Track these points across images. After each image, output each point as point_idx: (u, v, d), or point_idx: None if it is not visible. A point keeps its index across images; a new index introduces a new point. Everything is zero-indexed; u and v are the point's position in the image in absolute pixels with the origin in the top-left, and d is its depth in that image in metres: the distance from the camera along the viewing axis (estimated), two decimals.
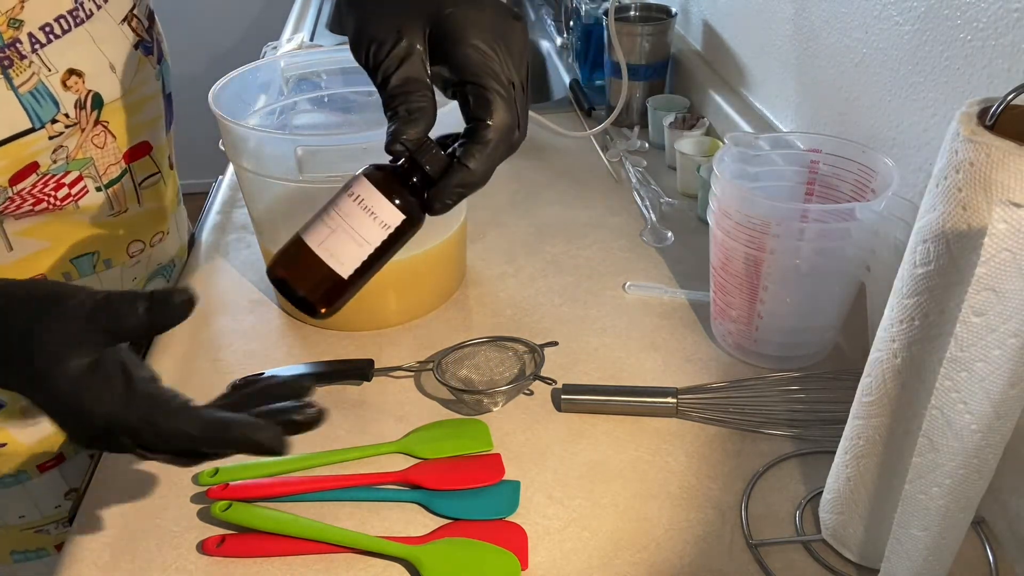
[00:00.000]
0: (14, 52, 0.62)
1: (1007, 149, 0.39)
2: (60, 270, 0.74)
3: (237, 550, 0.60)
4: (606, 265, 0.91)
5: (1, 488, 0.80)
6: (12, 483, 0.79)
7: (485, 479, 0.64)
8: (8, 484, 0.79)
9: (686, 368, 0.76)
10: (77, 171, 0.69)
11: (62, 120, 0.66)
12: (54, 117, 0.65)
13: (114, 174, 0.73)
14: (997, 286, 0.39)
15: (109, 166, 0.72)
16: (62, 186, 0.68)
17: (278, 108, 0.89)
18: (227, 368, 0.77)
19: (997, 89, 0.59)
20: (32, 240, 0.71)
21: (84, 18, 0.67)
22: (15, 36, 0.63)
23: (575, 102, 1.31)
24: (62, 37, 0.66)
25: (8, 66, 0.62)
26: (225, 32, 2.79)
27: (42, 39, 0.64)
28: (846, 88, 0.83)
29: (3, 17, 0.62)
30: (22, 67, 0.63)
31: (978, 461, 0.45)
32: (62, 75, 0.66)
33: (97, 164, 0.71)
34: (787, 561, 0.58)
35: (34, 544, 0.86)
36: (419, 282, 0.83)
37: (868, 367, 0.51)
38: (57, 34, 0.65)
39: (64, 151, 0.67)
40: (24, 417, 0.77)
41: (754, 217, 0.67)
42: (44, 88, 0.65)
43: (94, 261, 0.76)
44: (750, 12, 1.06)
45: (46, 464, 0.80)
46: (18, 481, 0.79)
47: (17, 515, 0.83)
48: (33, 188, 0.66)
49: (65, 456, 0.81)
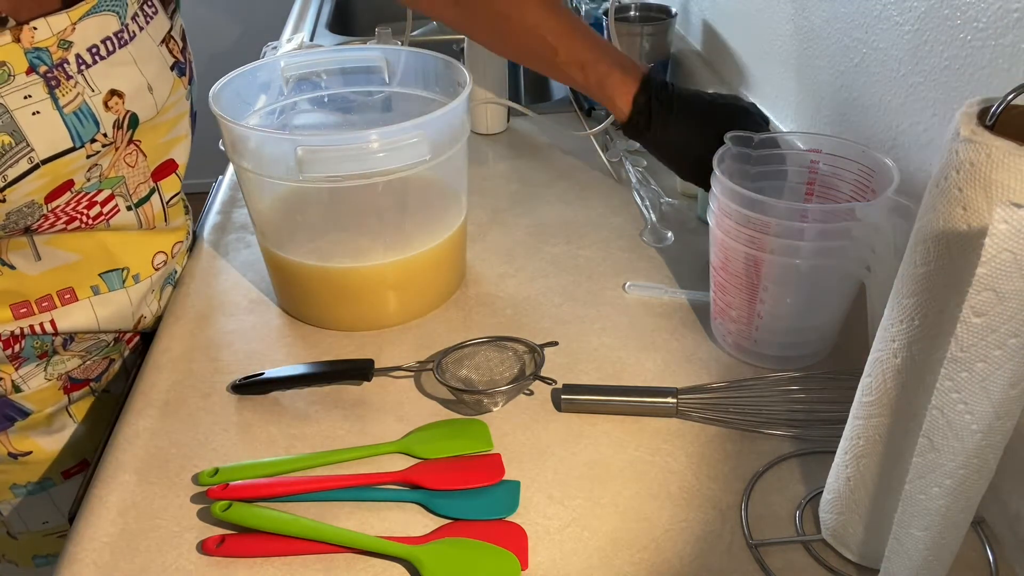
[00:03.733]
0: (61, 72, 0.63)
1: (1007, 149, 0.39)
2: (88, 283, 0.76)
3: (237, 550, 0.60)
4: (606, 265, 0.91)
5: (27, 495, 0.81)
6: (37, 490, 0.81)
7: (485, 479, 0.64)
8: (33, 492, 0.81)
9: (686, 368, 0.76)
10: (109, 189, 0.70)
11: (100, 140, 0.67)
12: (94, 136, 0.66)
13: (143, 192, 0.75)
14: (998, 286, 0.39)
15: (139, 184, 0.74)
16: (94, 204, 0.69)
17: (278, 108, 0.89)
18: (227, 368, 0.77)
19: (997, 89, 0.59)
20: (61, 252, 0.72)
21: (128, 40, 0.69)
22: (64, 57, 0.64)
23: (575, 102, 1.31)
24: (107, 58, 0.67)
25: (55, 86, 0.63)
26: (225, 32, 2.79)
27: (88, 60, 0.65)
28: (846, 88, 0.83)
29: (54, 38, 0.63)
30: (68, 87, 0.64)
31: (978, 461, 0.45)
32: (104, 96, 0.67)
33: (128, 183, 0.73)
34: (787, 561, 0.58)
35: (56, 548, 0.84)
36: (419, 282, 0.83)
37: (868, 367, 0.51)
38: (103, 55, 0.66)
39: (98, 169, 0.68)
40: (49, 425, 0.79)
41: (754, 217, 0.67)
42: (87, 108, 0.66)
43: (123, 276, 0.78)
44: (750, 12, 1.06)
45: (70, 470, 0.82)
46: (43, 488, 0.81)
47: (41, 521, 0.84)
48: (67, 206, 0.68)
49: (89, 462, 0.81)
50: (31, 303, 0.73)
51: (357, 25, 2.02)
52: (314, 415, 0.72)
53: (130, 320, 0.81)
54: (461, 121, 0.78)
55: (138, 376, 0.77)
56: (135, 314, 0.81)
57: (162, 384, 0.76)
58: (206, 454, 0.68)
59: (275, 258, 0.82)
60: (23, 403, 0.77)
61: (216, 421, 0.72)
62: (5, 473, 0.80)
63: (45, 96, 0.63)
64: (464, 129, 0.79)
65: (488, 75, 1.19)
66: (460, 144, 0.79)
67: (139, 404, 0.73)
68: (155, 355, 0.79)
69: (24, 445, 0.79)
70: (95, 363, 0.82)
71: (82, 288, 0.75)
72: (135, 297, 0.80)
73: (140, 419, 0.72)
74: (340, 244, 0.81)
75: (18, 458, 0.79)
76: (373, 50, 0.91)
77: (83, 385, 0.82)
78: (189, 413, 0.72)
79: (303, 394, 0.74)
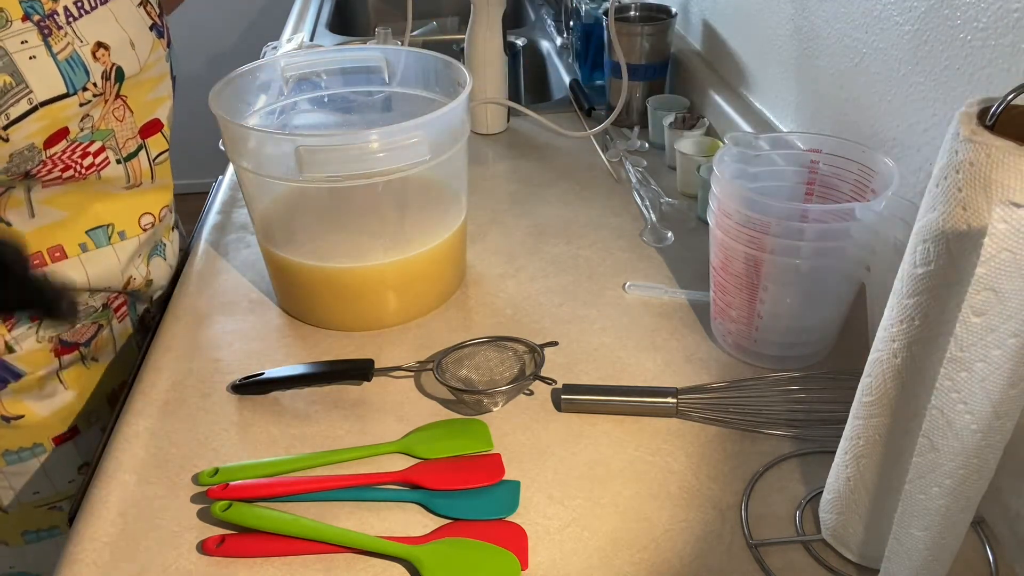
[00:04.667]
0: (52, 22, 0.69)
1: (1007, 149, 0.39)
2: (77, 240, 0.79)
3: (237, 550, 0.60)
4: (606, 265, 0.91)
5: (18, 462, 0.83)
6: (28, 456, 0.83)
7: (485, 479, 0.64)
8: (25, 458, 0.83)
9: (686, 368, 0.76)
10: (100, 141, 0.75)
11: (91, 89, 0.72)
12: (85, 85, 0.71)
13: (132, 148, 0.80)
14: (997, 286, 0.39)
15: (127, 140, 0.79)
16: (87, 155, 0.74)
17: (278, 108, 0.89)
18: (227, 368, 0.77)
19: (997, 89, 0.59)
20: (53, 209, 0.76)
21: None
22: (53, 8, 0.70)
23: (575, 102, 1.31)
24: (90, 13, 0.73)
25: (48, 34, 0.69)
26: (225, 32, 2.79)
27: (75, 12, 0.71)
28: (846, 88, 0.83)
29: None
30: (59, 36, 0.70)
31: (978, 461, 0.45)
32: (92, 47, 0.73)
33: (117, 136, 0.78)
34: (787, 561, 0.58)
35: (47, 522, 0.89)
36: (419, 282, 0.83)
37: (868, 367, 0.51)
38: (87, 9, 0.73)
39: (90, 120, 0.73)
40: (41, 389, 0.82)
41: (754, 217, 0.67)
42: (77, 57, 0.71)
43: (109, 233, 0.81)
44: (750, 12, 1.06)
45: (61, 437, 0.85)
46: (34, 454, 0.83)
47: (32, 491, 0.86)
48: (63, 154, 0.72)
49: (80, 430, 0.85)
50: None
51: (357, 25, 2.02)
52: (314, 415, 0.72)
53: (119, 278, 0.84)
54: (461, 121, 0.78)
55: (138, 376, 0.77)
56: (124, 272, 0.84)
57: (162, 384, 0.76)
58: (206, 454, 0.68)
59: (275, 258, 0.82)
60: (16, 364, 0.80)
61: (216, 421, 0.72)
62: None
63: (40, 43, 0.68)
64: (464, 129, 0.79)
65: (488, 75, 1.19)
66: (460, 144, 0.79)
67: (139, 404, 0.74)
68: (155, 355, 0.79)
69: (16, 409, 0.81)
70: (84, 327, 0.84)
71: (71, 245, 0.78)
72: (123, 255, 0.83)
73: (140, 419, 0.72)
74: (340, 244, 0.81)
75: (10, 421, 0.81)
76: (373, 50, 0.91)
77: (73, 349, 0.84)
78: (189, 413, 0.73)
79: (303, 394, 0.74)
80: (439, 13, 1.89)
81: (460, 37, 1.42)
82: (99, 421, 0.88)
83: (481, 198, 1.04)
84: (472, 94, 0.80)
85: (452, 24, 1.82)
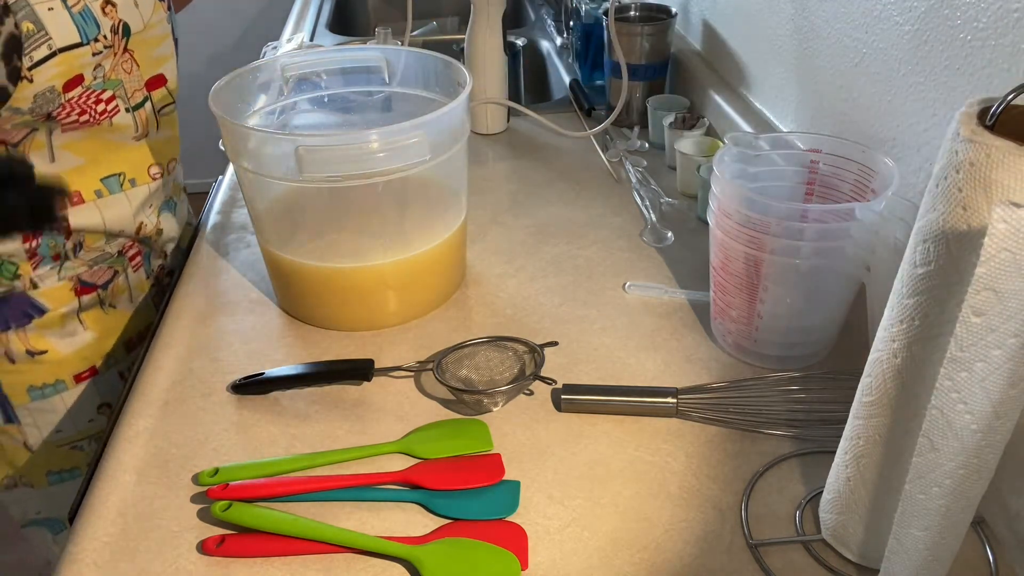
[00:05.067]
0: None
1: (1007, 149, 0.39)
2: (92, 187, 0.88)
3: (237, 550, 0.60)
4: (606, 265, 0.91)
5: (41, 398, 0.91)
6: (51, 392, 0.91)
7: (485, 479, 0.64)
8: (48, 394, 0.91)
9: (686, 368, 0.76)
10: (111, 90, 0.84)
11: (102, 41, 0.80)
12: (96, 36, 0.79)
13: (138, 99, 0.88)
14: (997, 286, 0.39)
15: (135, 91, 0.87)
16: (100, 101, 0.82)
17: (278, 108, 0.89)
18: (227, 368, 0.77)
19: (997, 89, 0.59)
20: (71, 155, 0.84)
21: None
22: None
23: (575, 102, 1.31)
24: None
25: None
26: (225, 32, 2.79)
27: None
28: (846, 88, 0.83)
29: None
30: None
31: (978, 461, 0.45)
32: (100, 3, 0.80)
33: (126, 87, 0.86)
34: (787, 561, 0.58)
35: (69, 463, 0.97)
36: (419, 282, 0.83)
37: (868, 367, 0.51)
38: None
39: (102, 70, 0.81)
40: (62, 327, 0.90)
41: (754, 217, 0.67)
42: (88, 11, 0.78)
43: (121, 181, 0.90)
44: (750, 12, 1.06)
45: (81, 375, 0.93)
46: (56, 391, 0.91)
47: (55, 430, 0.94)
48: (79, 99, 0.80)
49: (98, 370, 0.94)
50: None
51: (357, 25, 2.02)
52: (314, 415, 0.72)
53: (131, 224, 0.93)
54: (461, 121, 0.78)
55: (138, 376, 0.78)
56: (135, 218, 0.93)
57: (162, 384, 0.76)
58: (206, 454, 0.68)
59: (275, 258, 0.82)
60: (39, 300, 0.88)
61: (216, 421, 0.72)
62: (23, 373, 0.90)
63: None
64: (464, 129, 0.79)
65: (488, 75, 1.19)
66: (460, 144, 0.79)
67: (139, 404, 0.74)
68: (155, 355, 0.80)
69: (40, 344, 0.89)
70: (101, 270, 0.92)
71: (87, 192, 0.87)
72: (134, 202, 0.92)
73: (140, 419, 0.72)
74: (340, 244, 0.81)
75: (35, 356, 0.89)
76: (373, 50, 0.91)
77: (92, 290, 0.92)
78: (189, 413, 0.73)
79: (303, 394, 0.74)
80: (439, 13, 1.90)
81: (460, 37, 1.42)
82: (116, 364, 0.96)
83: (481, 198, 1.04)
84: (472, 94, 0.80)
85: (452, 24, 1.82)
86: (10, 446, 0.95)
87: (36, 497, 0.99)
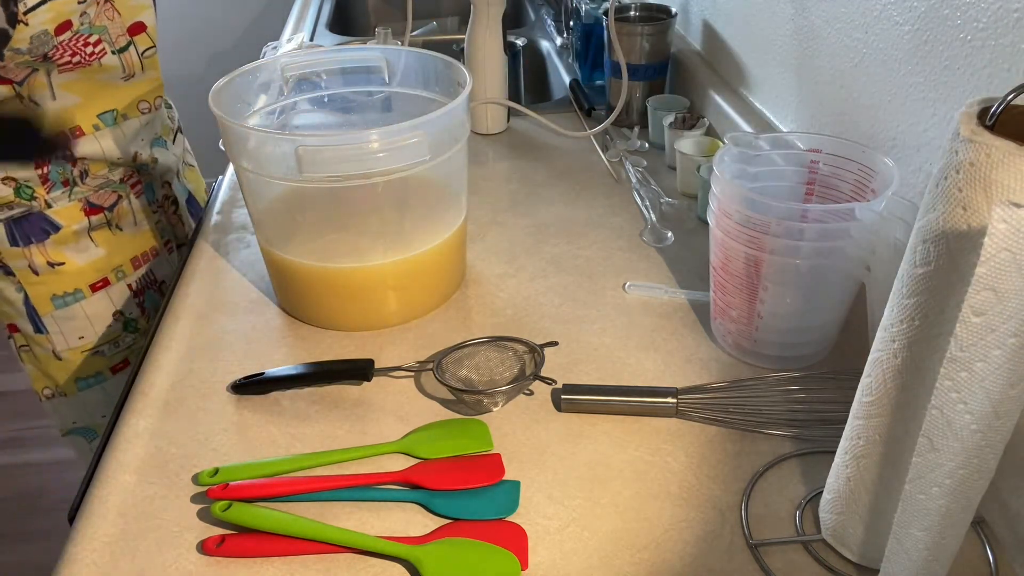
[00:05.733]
0: None
1: (1007, 149, 0.39)
2: (91, 122, 1.00)
3: (237, 550, 0.60)
4: (606, 265, 0.91)
5: (64, 307, 1.04)
6: (72, 301, 1.04)
7: (485, 479, 0.64)
8: (69, 302, 1.04)
9: (686, 368, 0.76)
10: (98, 35, 0.94)
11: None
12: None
13: (122, 43, 0.99)
14: (997, 286, 0.39)
15: (118, 36, 0.98)
16: (88, 44, 0.93)
17: (278, 108, 0.89)
18: (227, 368, 0.77)
19: (997, 89, 0.59)
20: (69, 94, 0.97)
21: None
22: None
23: (575, 102, 1.31)
24: None
25: None
26: (225, 32, 2.79)
27: None
28: (846, 88, 0.83)
29: None
30: None
31: (978, 461, 0.45)
32: None
33: (110, 32, 0.96)
34: (787, 561, 0.58)
35: (93, 368, 1.10)
36: (419, 282, 0.83)
37: (868, 367, 0.51)
38: None
39: (87, 16, 0.92)
40: (76, 242, 1.03)
41: (754, 217, 0.67)
42: None
43: (115, 116, 1.03)
44: (750, 12, 1.06)
45: (96, 285, 1.05)
46: (76, 299, 1.04)
47: (77, 337, 1.07)
48: (70, 41, 0.91)
49: (110, 281, 1.07)
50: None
51: (357, 25, 2.02)
52: (314, 415, 0.72)
53: (128, 152, 1.06)
54: (461, 121, 0.78)
55: (138, 376, 0.78)
56: (130, 147, 1.06)
57: (162, 384, 0.76)
58: (206, 454, 0.68)
59: (275, 258, 0.82)
60: (54, 217, 1.00)
61: (216, 421, 0.72)
62: (46, 284, 1.02)
63: None
64: (464, 129, 0.79)
65: (488, 75, 1.19)
66: (460, 144, 0.79)
67: (139, 404, 0.74)
68: (155, 355, 0.80)
69: (59, 256, 1.02)
70: (106, 194, 1.05)
71: (87, 126, 0.99)
72: (128, 132, 1.05)
73: (140, 419, 0.72)
74: (340, 244, 0.81)
75: (55, 267, 1.02)
76: (373, 50, 0.91)
77: (99, 211, 1.05)
78: (189, 413, 0.73)
79: (303, 394, 0.74)
80: (439, 13, 1.90)
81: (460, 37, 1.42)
82: (125, 279, 1.09)
83: (481, 198, 1.04)
84: (472, 94, 0.81)
85: (452, 24, 1.82)
86: (43, 355, 1.08)
87: (71, 406, 1.12)
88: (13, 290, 1.03)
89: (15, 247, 1.00)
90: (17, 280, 1.02)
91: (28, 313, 1.04)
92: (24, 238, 1.00)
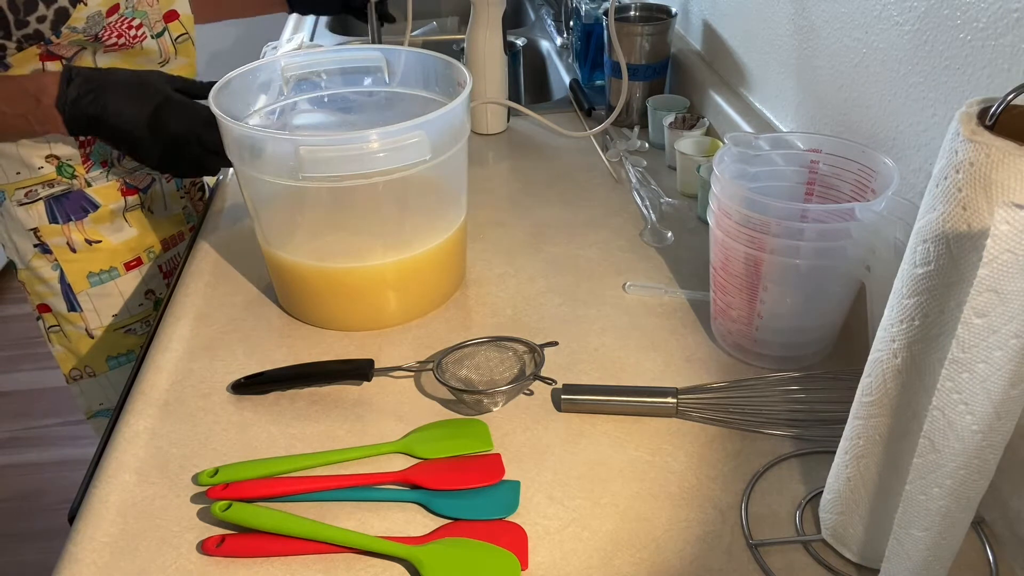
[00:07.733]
0: None
1: (1007, 149, 0.39)
2: None
3: (237, 550, 0.60)
4: (606, 265, 0.91)
5: (99, 284, 1.07)
6: (107, 278, 1.07)
7: (485, 479, 0.64)
8: (104, 280, 1.07)
9: (686, 368, 0.76)
10: (139, 19, 0.98)
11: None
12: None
13: (159, 29, 1.02)
14: (999, 287, 0.39)
15: (155, 22, 1.01)
16: (132, 27, 0.97)
17: (278, 108, 0.89)
18: (227, 368, 0.77)
19: (997, 89, 0.59)
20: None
21: None
22: None
23: (575, 102, 1.31)
24: None
25: None
26: (225, 32, 2.79)
27: None
28: (846, 88, 0.83)
29: None
30: None
31: (979, 462, 0.45)
32: None
33: (150, 18, 1.00)
34: (787, 561, 0.58)
35: (124, 346, 1.12)
36: (419, 282, 0.83)
37: (868, 367, 0.51)
38: None
39: (131, 1, 0.96)
40: (112, 222, 1.06)
41: (754, 217, 0.67)
42: None
43: None
44: (750, 12, 1.06)
45: (130, 263, 1.09)
46: (111, 277, 1.07)
47: (111, 314, 1.09)
48: (117, 24, 0.95)
49: (142, 260, 1.10)
50: None
51: (357, 25, 2.01)
52: (314, 415, 0.72)
53: None
54: (461, 121, 0.78)
55: (138, 376, 0.77)
56: None
57: (162, 384, 0.76)
58: (206, 454, 0.68)
59: (275, 258, 0.82)
60: (93, 196, 1.03)
61: (216, 421, 0.72)
62: (83, 261, 1.05)
63: None
64: (464, 129, 0.79)
65: (488, 75, 1.19)
66: (460, 144, 0.79)
67: (139, 404, 0.74)
68: (155, 355, 0.79)
69: (96, 235, 1.05)
70: (141, 175, 1.08)
71: None
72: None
73: (140, 419, 0.72)
74: (340, 244, 0.81)
75: (92, 244, 1.04)
76: (373, 50, 0.91)
77: (135, 192, 1.08)
78: (189, 413, 0.73)
79: (303, 394, 0.74)
80: (439, 13, 1.89)
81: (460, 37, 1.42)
82: (156, 259, 1.12)
83: (481, 198, 1.04)
84: (472, 94, 0.80)
85: (452, 24, 1.82)
86: (75, 335, 1.09)
87: (97, 387, 1.14)
88: (49, 268, 1.04)
89: (55, 224, 1.02)
90: (54, 258, 1.04)
91: (63, 291, 1.06)
92: (64, 215, 1.02)
